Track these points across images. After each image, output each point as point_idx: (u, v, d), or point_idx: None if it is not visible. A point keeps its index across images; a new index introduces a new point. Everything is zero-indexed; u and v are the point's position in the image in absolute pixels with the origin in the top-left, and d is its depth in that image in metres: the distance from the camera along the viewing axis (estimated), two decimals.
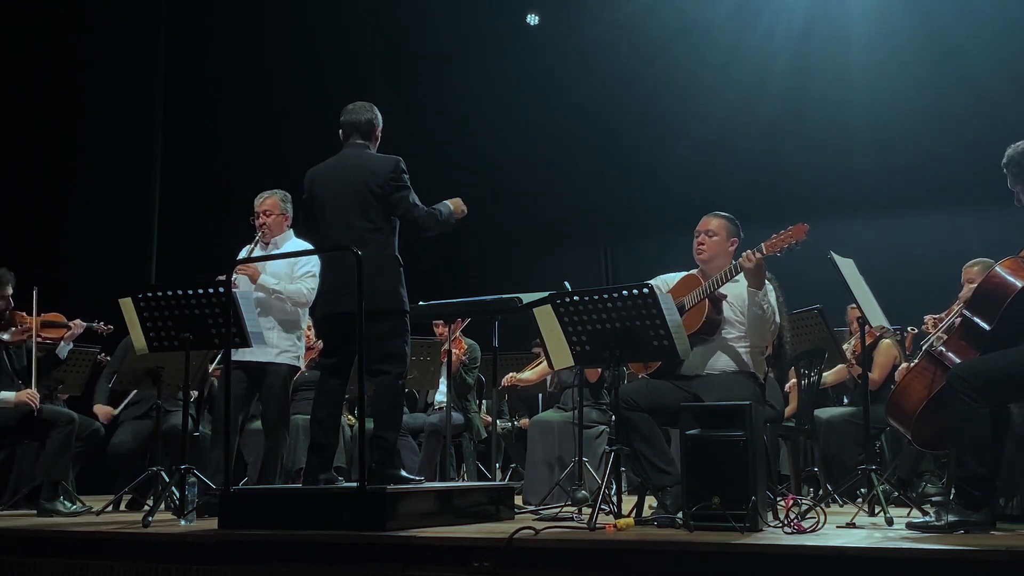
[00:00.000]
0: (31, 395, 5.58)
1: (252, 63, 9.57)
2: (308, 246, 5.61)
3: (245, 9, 9.55)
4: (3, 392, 5.60)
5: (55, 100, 8.73)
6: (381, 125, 4.89)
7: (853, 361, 6.18)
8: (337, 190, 4.67)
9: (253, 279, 5.42)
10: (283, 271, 5.55)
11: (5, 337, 5.83)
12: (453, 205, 4.86)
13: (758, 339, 4.46)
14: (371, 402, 4.72)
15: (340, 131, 4.86)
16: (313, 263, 5.61)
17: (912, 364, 4.32)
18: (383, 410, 4.59)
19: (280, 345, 5.51)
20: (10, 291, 5.92)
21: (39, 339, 5.89)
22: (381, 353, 4.54)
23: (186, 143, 9.37)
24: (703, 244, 4.56)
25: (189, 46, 9.46)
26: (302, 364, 5.80)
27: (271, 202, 5.69)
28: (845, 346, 6.28)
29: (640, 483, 4.56)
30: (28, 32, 8.60)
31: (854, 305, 6.40)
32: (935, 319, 4.92)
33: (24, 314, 5.94)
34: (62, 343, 6.03)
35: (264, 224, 5.64)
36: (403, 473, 4.57)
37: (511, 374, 7.34)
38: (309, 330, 7.28)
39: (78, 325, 6.04)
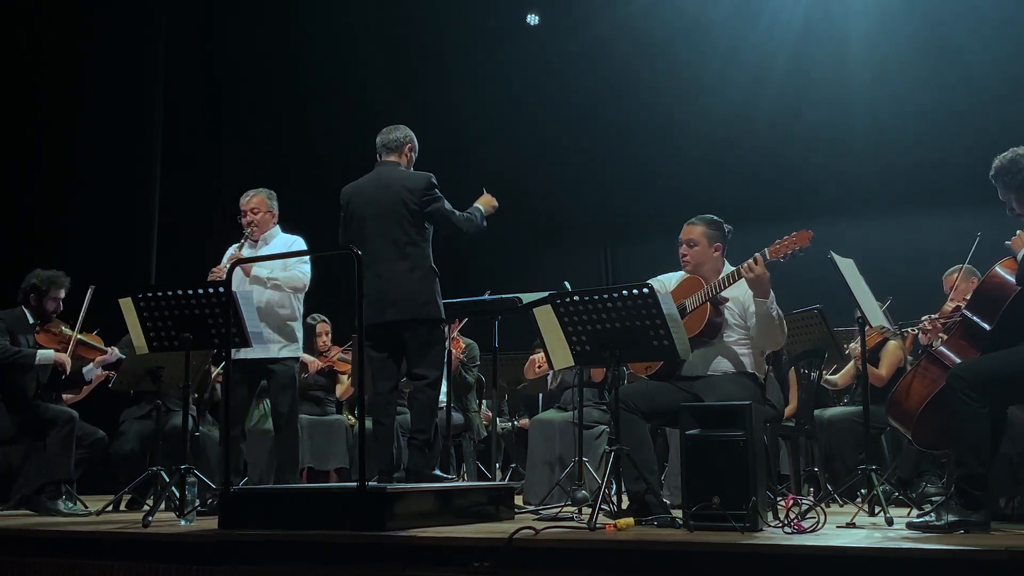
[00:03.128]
0: (67, 359, 5.77)
1: (252, 63, 9.56)
2: (298, 239, 5.74)
3: (245, 9, 9.55)
4: (44, 350, 5.71)
5: (55, 100, 8.72)
6: (413, 144, 5.20)
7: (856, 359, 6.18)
8: (375, 207, 4.98)
9: (247, 272, 5.52)
10: (276, 264, 5.61)
11: (40, 337, 5.91)
12: (484, 205, 5.25)
13: (771, 344, 4.46)
14: (407, 403, 5.12)
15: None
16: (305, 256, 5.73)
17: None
18: (419, 411, 4.90)
19: (282, 340, 5.56)
20: (63, 295, 5.98)
21: (71, 349, 5.93)
22: (421, 359, 4.88)
23: (186, 143, 9.36)
24: (686, 255, 4.59)
25: (189, 46, 9.46)
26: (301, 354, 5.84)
27: (258, 200, 5.76)
28: (852, 345, 6.26)
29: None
30: (28, 32, 8.59)
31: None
32: (931, 319, 4.92)
33: (62, 325, 5.99)
34: (91, 365, 6.06)
35: (252, 222, 5.71)
36: (438, 472, 4.76)
37: (536, 356, 7.24)
38: (326, 335, 7.37)
39: (113, 354, 6.07)
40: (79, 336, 5.98)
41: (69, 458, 5.61)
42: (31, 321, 5.91)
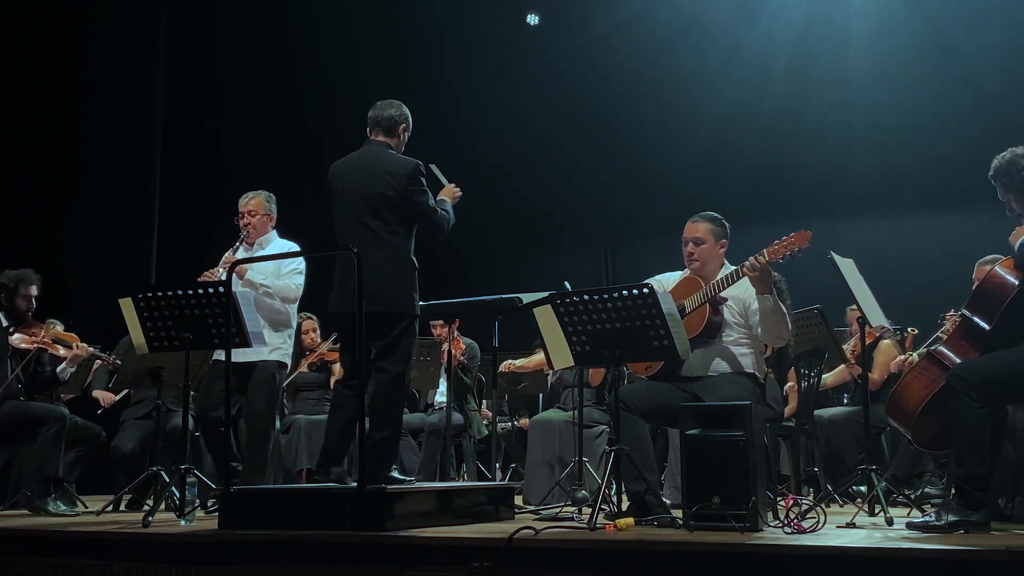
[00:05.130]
0: None
1: (252, 63, 9.57)
2: (294, 245, 5.62)
3: (245, 8, 9.55)
4: None
5: (56, 100, 8.73)
6: (408, 124, 4.90)
7: (853, 361, 6.19)
8: (355, 189, 4.68)
9: (240, 275, 5.38)
10: (269, 269, 5.51)
11: (14, 337, 5.87)
12: (449, 197, 4.92)
13: (776, 339, 4.45)
14: (370, 400, 4.73)
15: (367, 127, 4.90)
16: (299, 261, 5.61)
17: (912, 356, 4.31)
18: (377, 408, 4.57)
19: (271, 343, 5.47)
20: (34, 292, 5.96)
21: (46, 347, 5.95)
22: (386, 352, 4.57)
23: (186, 143, 9.37)
24: (693, 253, 4.56)
25: (189, 46, 9.46)
26: (289, 362, 5.77)
27: (256, 202, 5.67)
28: (845, 346, 6.29)
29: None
30: (29, 32, 8.60)
31: (854, 307, 6.45)
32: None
33: (41, 325, 5.99)
34: (64, 364, 6.03)
35: (249, 224, 5.62)
36: (394, 474, 4.57)
37: (508, 362, 7.33)
38: (314, 332, 7.35)
39: (84, 349, 6.05)
40: (55, 333, 5.98)
41: (58, 456, 5.60)
42: (4, 324, 5.91)
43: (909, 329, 6.48)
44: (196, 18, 9.54)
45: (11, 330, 5.92)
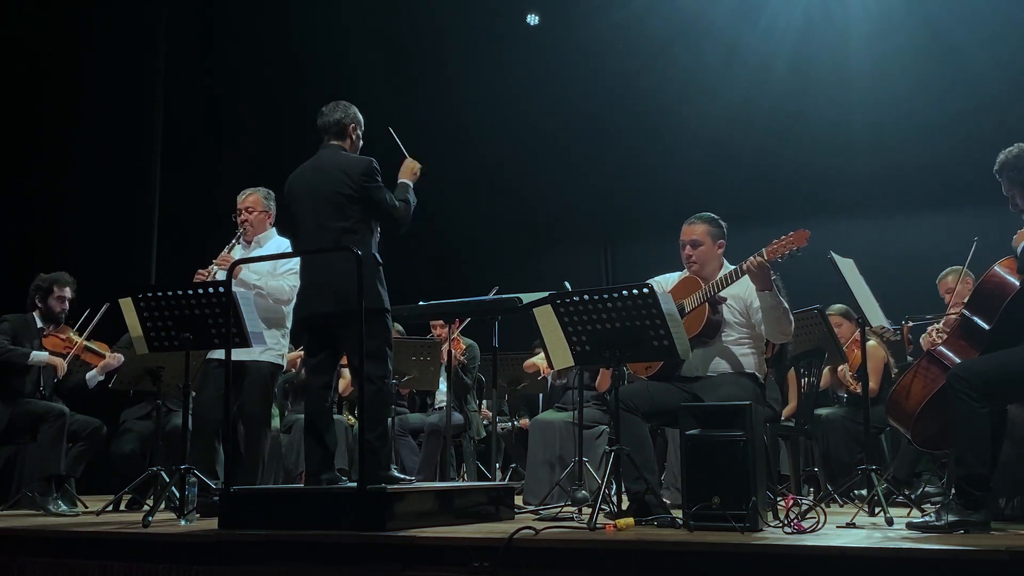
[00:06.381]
0: (61, 363, 5.79)
1: (252, 63, 9.57)
2: (290, 243, 5.57)
3: (245, 9, 9.55)
4: (38, 352, 5.77)
5: (55, 100, 8.72)
6: (357, 122, 4.90)
7: (852, 381, 6.19)
8: (312, 191, 4.71)
9: (234, 273, 5.32)
10: (265, 269, 5.44)
11: (47, 341, 5.96)
12: (408, 178, 4.88)
13: (779, 334, 4.43)
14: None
15: None
16: (295, 261, 5.46)
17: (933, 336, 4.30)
18: (367, 411, 4.48)
19: (263, 344, 5.33)
20: (68, 294, 6.03)
21: (78, 354, 6.03)
22: (363, 354, 4.44)
23: (186, 143, 9.36)
24: (691, 256, 4.56)
25: (189, 46, 9.46)
26: (284, 363, 5.74)
27: (253, 199, 5.62)
28: (841, 368, 6.28)
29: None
30: (29, 32, 8.59)
31: (831, 312, 6.46)
32: (937, 330, 4.83)
33: (73, 331, 6.05)
34: (95, 371, 6.08)
35: (246, 221, 5.57)
36: (394, 473, 4.56)
37: (530, 361, 7.32)
38: None
39: (116, 359, 6.07)
40: (87, 343, 6.02)
41: (59, 453, 5.62)
42: (39, 325, 5.99)
43: (904, 321, 6.47)
44: (196, 18, 9.53)
45: (45, 332, 5.97)
